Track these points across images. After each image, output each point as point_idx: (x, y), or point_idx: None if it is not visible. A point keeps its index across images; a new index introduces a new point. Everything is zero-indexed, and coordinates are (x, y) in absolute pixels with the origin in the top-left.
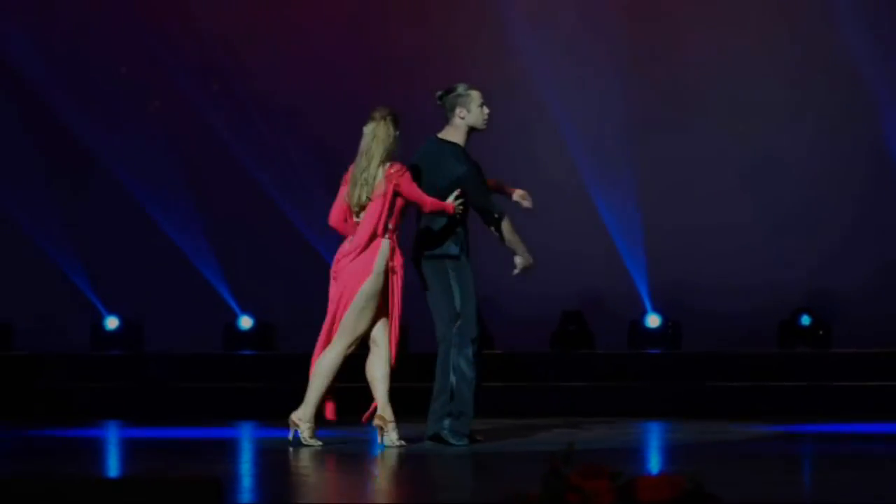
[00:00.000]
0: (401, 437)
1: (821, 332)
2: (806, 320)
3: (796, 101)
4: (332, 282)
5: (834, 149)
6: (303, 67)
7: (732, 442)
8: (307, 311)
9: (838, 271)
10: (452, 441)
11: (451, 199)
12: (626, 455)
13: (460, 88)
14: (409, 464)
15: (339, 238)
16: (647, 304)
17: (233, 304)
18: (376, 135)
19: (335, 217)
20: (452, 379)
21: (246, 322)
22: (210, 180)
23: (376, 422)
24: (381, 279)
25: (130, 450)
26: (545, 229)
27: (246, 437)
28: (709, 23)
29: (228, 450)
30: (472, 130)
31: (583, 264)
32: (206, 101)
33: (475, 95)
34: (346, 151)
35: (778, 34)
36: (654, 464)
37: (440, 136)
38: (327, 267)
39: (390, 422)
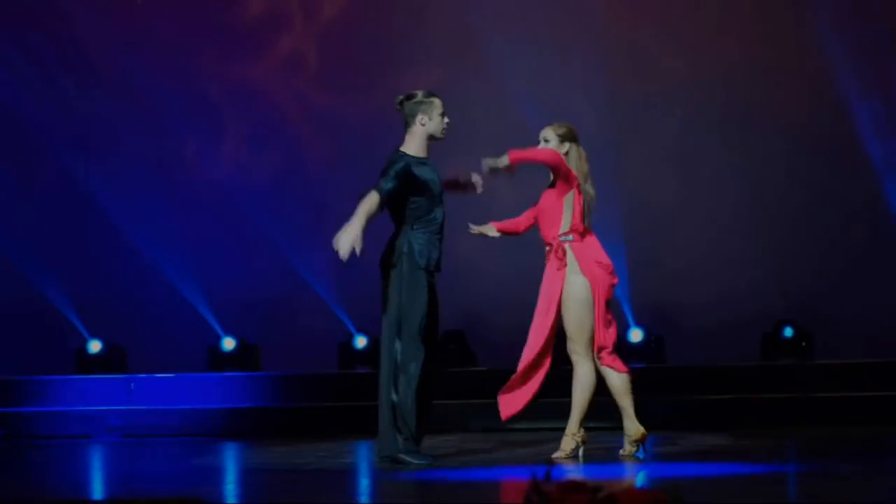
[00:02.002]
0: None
1: (803, 344)
2: (788, 332)
3: (778, 116)
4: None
5: (815, 162)
6: (281, 81)
7: (715, 455)
8: (289, 331)
9: (820, 283)
10: (411, 460)
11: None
12: (607, 469)
13: (420, 95)
14: (382, 479)
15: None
16: (630, 319)
17: (216, 326)
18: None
19: None
20: (394, 396)
21: (229, 343)
22: (190, 202)
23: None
24: None
25: (115, 471)
26: (526, 244)
27: (230, 458)
28: (686, 36)
29: (214, 471)
30: (431, 138)
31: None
32: (185, 123)
33: (437, 103)
34: (328, 171)
35: (757, 44)
36: (636, 478)
37: (401, 146)
38: (308, 287)
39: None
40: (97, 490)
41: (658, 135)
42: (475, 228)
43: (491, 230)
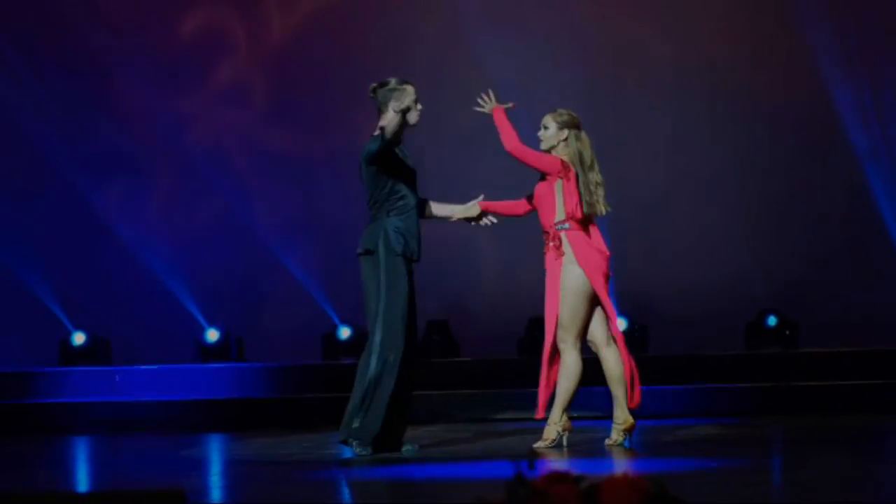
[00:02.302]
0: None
1: (787, 333)
2: (772, 321)
3: (761, 105)
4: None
5: (799, 151)
6: (263, 74)
7: (698, 444)
8: (273, 322)
9: (804, 272)
10: (357, 449)
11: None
12: (591, 459)
13: (393, 82)
14: (366, 470)
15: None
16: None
17: (200, 318)
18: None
19: None
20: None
21: (212, 335)
22: (174, 192)
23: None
24: None
25: (99, 463)
26: (509, 236)
27: (214, 450)
28: (674, 27)
29: (197, 462)
30: (406, 126)
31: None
32: (168, 114)
33: (410, 90)
34: (311, 162)
35: (740, 32)
36: (619, 468)
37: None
38: (291, 279)
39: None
40: (82, 483)
41: (641, 124)
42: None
43: (476, 212)
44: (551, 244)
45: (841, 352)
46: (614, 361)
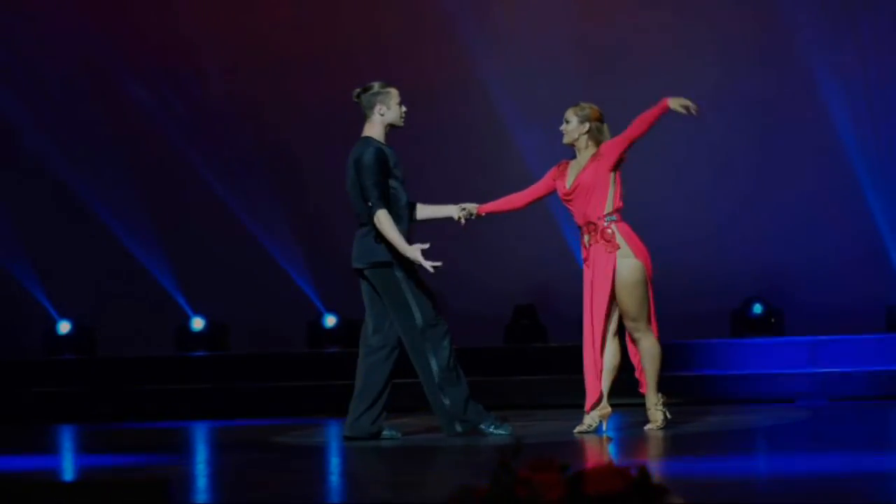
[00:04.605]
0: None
1: (773, 321)
2: (758, 309)
3: (745, 92)
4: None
5: (784, 138)
6: (251, 68)
7: (683, 432)
8: (260, 311)
9: (789, 259)
10: (493, 430)
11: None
12: (576, 447)
13: (377, 86)
14: (352, 458)
15: (290, 233)
16: None
17: (185, 306)
18: None
19: None
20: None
21: (198, 323)
22: (161, 182)
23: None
24: None
25: (84, 453)
26: (495, 225)
27: (200, 438)
28: (663, 19)
29: (182, 450)
30: (390, 127)
31: (534, 258)
32: (156, 104)
33: (393, 93)
34: (297, 152)
35: (727, 19)
36: (604, 455)
37: (363, 134)
38: (277, 267)
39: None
40: (68, 471)
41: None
42: (461, 216)
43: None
44: (600, 237)
45: (826, 339)
46: (612, 354)
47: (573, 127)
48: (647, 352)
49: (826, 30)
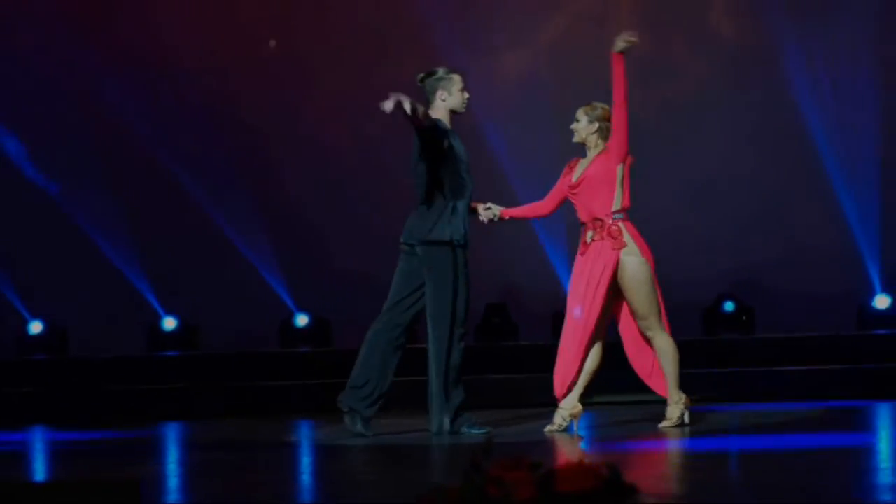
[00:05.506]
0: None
1: (744, 318)
2: (729, 306)
3: (715, 91)
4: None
5: (755, 136)
6: (226, 68)
7: (654, 430)
8: (232, 311)
9: (760, 257)
10: (470, 430)
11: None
12: (547, 446)
13: (441, 72)
14: (324, 457)
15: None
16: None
17: (156, 306)
18: None
19: None
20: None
21: (170, 323)
22: (133, 182)
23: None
24: None
25: (55, 454)
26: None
27: (171, 438)
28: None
29: (154, 451)
30: (452, 113)
31: (506, 257)
32: (129, 104)
33: (456, 79)
34: (271, 152)
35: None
36: (574, 454)
37: None
38: (249, 266)
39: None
40: (38, 472)
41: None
42: (484, 215)
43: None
44: (606, 234)
45: (798, 337)
46: (594, 357)
47: (583, 126)
48: (662, 351)
49: (795, 29)
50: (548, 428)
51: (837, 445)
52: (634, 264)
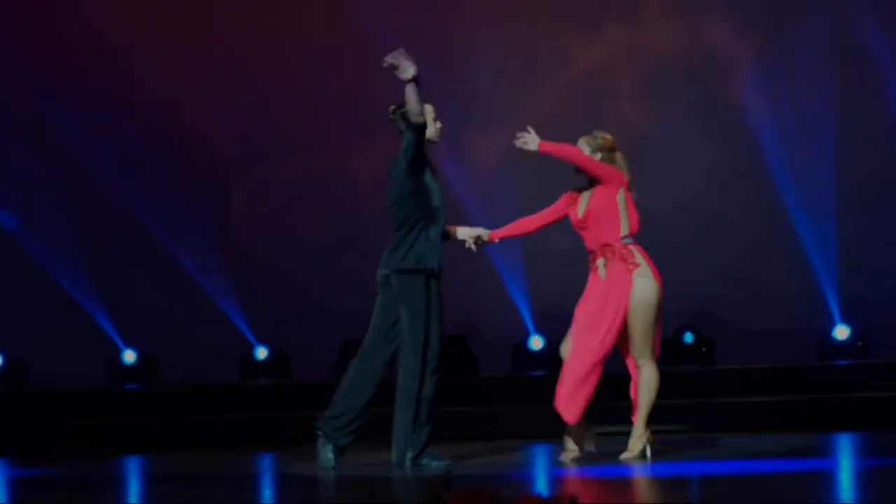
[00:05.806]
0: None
1: (704, 350)
2: (689, 338)
3: (677, 119)
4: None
5: (714, 167)
6: (186, 102)
7: (615, 462)
8: (191, 344)
9: (719, 288)
10: (430, 463)
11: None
12: (508, 478)
13: None
14: (286, 489)
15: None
16: (531, 327)
17: (116, 339)
18: None
19: None
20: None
21: (130, 356)
22: (92, 215)
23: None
24: None
25: (14, 487)
26: None
27: (132, 471)
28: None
29: (114, 485)
30: (427, 142)
31: (465, 289)
32: (90, 138)
33: (429, 109)
34: (230, 185)
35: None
36: (536, 486)
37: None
38: (209, 300)
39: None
40: None
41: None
42: (472, 243)
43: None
44: (618, 258)
45: (757, 368)
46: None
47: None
48: (645, 382)
49: (757, 62)
50: (566, 457)
51: (797, 470)
52: (647, 286)
